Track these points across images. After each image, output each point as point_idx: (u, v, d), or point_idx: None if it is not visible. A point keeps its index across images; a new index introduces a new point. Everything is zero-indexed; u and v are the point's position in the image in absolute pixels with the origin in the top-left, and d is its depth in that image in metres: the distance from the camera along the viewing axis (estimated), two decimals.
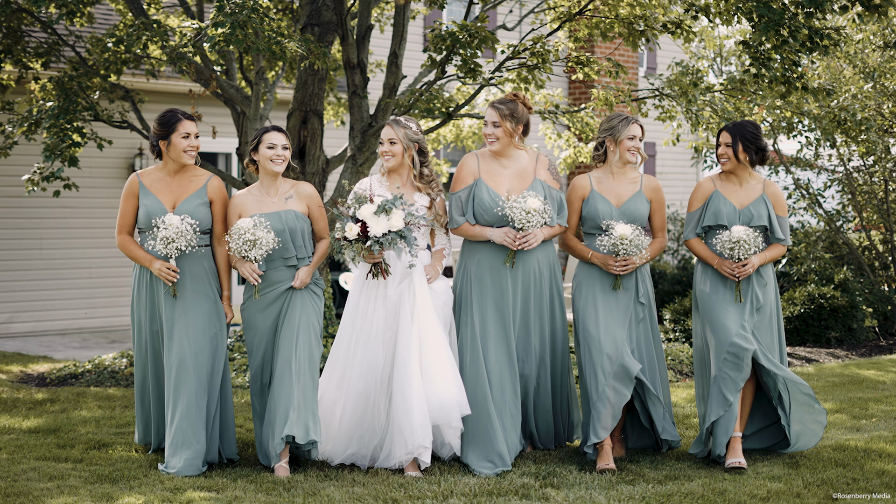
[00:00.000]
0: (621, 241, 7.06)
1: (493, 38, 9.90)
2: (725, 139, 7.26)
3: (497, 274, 7.19)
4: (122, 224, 7.13)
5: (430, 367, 6.89)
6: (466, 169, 7.33)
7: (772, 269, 7.35)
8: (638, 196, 7.30)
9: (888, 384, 10.32)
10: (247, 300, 7.08)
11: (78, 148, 10.44)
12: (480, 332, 7.15)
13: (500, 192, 7.19)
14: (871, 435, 7.81)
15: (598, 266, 7.28)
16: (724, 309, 7.11)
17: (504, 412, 7.08)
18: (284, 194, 7.10)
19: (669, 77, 11.50)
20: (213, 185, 7.14)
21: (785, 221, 7.30)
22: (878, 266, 15.32)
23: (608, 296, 7.21)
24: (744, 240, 7.04)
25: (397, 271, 7.05)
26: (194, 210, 7.01)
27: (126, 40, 9.86)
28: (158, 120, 7.07)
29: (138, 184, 7.08)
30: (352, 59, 11.05)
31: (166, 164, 7.10)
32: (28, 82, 11.79)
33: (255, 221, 6.84)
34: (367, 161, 11.06)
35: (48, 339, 14.36)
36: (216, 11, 9.01)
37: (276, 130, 7.08)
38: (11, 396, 9.65)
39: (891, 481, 6.58)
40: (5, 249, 14.71)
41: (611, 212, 7.25)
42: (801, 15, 9.17)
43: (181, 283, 6.98)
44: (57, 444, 7.65)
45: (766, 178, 7.46)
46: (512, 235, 7.07)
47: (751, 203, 7.24)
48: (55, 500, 6.19)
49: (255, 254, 6.79)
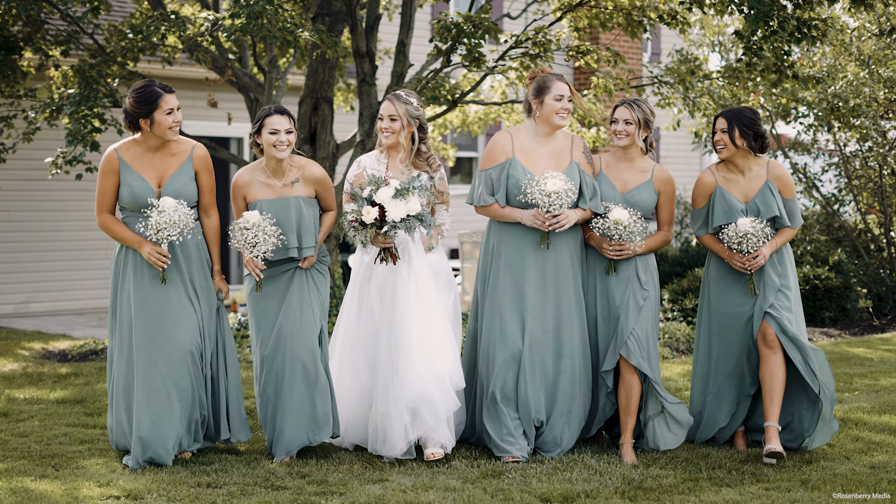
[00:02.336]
0: (616, 224, 6.87)
1: (497, 28, 10.33)
2: (721, 125, 7.02)
3: (524, 256, 6.95)
4: (103, 203, 6.64)
5: (427, 341, 6.73)
6: (499, 147, 7.01)
7: (788, 252, 7.14)
8: (646, 186, 7.06)
9: (875, 361, 10.75)
10: (250, 291, 6.91)
11: (98, 133, 10.90)
12: (501, 313, 6.94)
13: (535, 172, 6.92)
14: (851, 406, 8.25)
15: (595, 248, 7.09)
16: (736, 309, 7.02)
17: (538, 389, 6.94)
18: (291, 178, 6.84)
19: (668, 65, 11.92)
20: (198, 154, 6.73)
21: (793, 203, 7.04)
22: (873, 248, 15.72)
23: (606, 279, 7.06)
24: (750, 233, 6.83)
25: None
26: (183, 188, 6.63)
27: (145, 31, 10.31)
28: (137, 97, 6.50)
29: (118, 160, 6.59)
30: (361, 48, 11.48)
31: (146, 140, 6.61)
32: (48, 69, 12.22)
33: (258, 220, 6.61)
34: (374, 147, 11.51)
35: (66, 319, 14.75)
36: (232, 3, 9.47)
37: (279, 113, 6.75)
38: (37, 371, 10.11)
39: (864, 447, 7.02)
40: (24, 231, 15.14)
41: (614, 197, 7.03)
42: (789, 7, 9.59)
43: (172, 266, 6.62)
44: (84, 413, 8.13)
45: (769, 159, 7.28)
46: (541, 217, 6.81)
47: (756, 195, 6.99)
48: (87, 461, 6.67)
49: (258, 252, 6.61)
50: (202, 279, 6.73)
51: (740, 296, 7.03)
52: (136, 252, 6.60)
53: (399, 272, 6.81)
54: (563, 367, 6.98)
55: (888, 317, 14.55)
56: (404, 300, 6.77)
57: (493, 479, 6.34)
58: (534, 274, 6.94)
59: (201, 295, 6.71)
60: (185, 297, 6.64)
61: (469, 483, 6.25)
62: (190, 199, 6.67)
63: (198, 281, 6.71)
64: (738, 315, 7.04)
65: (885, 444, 7.10)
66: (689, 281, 13.98)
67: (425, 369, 6.68)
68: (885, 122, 14.89)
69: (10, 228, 15.00)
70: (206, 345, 6.72)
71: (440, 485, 6.19)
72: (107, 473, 6.38)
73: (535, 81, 7.03)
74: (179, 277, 6.64)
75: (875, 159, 14.84)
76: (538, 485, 6.20)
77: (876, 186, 15.14)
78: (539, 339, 6.94)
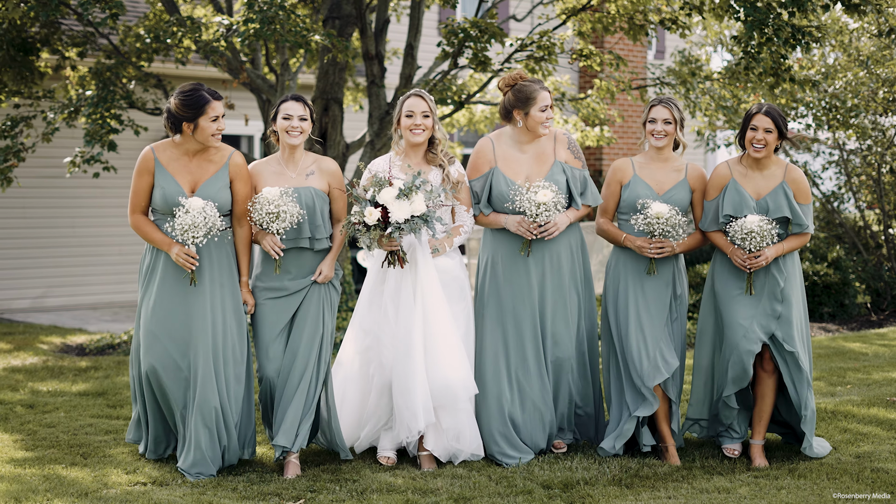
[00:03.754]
0: (657, 219, 6.68)
1: (502, 33, 10.66)
2: (765, 124, 6.67)
3: (513, 263, 6.89)
4: (136, 203, 6.50)
5: (435, 349, 6.61)
6: (482, 157, 6.95)
7: (795, 263, 6.93)
8: (681, 185, 6.90)
9: (870, 356, 11.05)
10: (256, 281, 6.68)
11: (115, 133, 11.24)
12: (492, 324, 6.91)
13: (517, 179, 6.84)
14: (842, 399, 8.57)
15: (632, 253, 6.94)
16: (737, 306, 6.80)
17: (525, 402, 6.93)
18: (306, 170, 6.68)
19: (670, 67, 12.24)
20: (235, 162, 6.55)
21: (807, 209, 6.79)
22: (872, 245, 16.02)
23: (643, 283, 6.91)
24: (756, 231, 6.60)
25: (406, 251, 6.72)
26: (216, 194, 6.45)
27: (163, 35, 10.66)
28: (184, 100, 6.35)
29: (154, 160, 6.45)
30: (370, 50, 11.82)
31: (185, 143, 6.46)
32: (65, 69, 12.55)
33: (280, 192, 6.44)
34: (385, 146, 11.84)
35: (81, 313, 15.07)
36: (246, 9, 9.83)
37: (295, 100, 6.62)
38: (57, 364, 10.47)
39: (851, 438, 7.35)
40: (40, 228, 15.47)
41: (651, 198, 6.86)
42: (784, 14, 9.91)
43: (200, 269, 6.43)
44: (107, 405, 8.49)
45: (787, 162, 7.02)
46: (526, 225, 6.74)
47: (769, 193, 6.77)
48: (114, 450, 7.03)
49: (279, 226, 6.39)
50: (230, 290, 6.53)
51: (745, 303, 6.81)
52: (167, 256, 6.44)
53: (405, 277, 6.68)
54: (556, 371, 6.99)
55: (886, 312, 14.84)
56: (408, 309, 6.65)
57: (497, 467, 6.69)
58: (516, 281, 6.86)
59: (227, 307, 6.51)
60: (207, 309, 6.44)
61: (475, 471, 6.60)
62: (223, 207, 6.51)
63: (226, 292, 6.52)
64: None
65: (871, 435, 7.43)
66: (689, 277, 14.30)
67: (432, 378, 6.64)
68: (884, 120, 15.17)
69: (26, 225, 15.34)
70: (226, 356, 6.49)
71: (448, 472, 6.55)
72: (133, 461, 6.74)
73: (518, 90, 6.88)
74: (207, 288, 6.45)
75: (874, 157, 15.14)
76: (540, 473, 6.56)
77: (874, 183, 15.44)
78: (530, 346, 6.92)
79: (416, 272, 6.67)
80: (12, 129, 11.71)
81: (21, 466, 6.59)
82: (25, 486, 6.15)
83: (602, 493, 6.17)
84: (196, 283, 6.41)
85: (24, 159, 11.74)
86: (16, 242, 15.29)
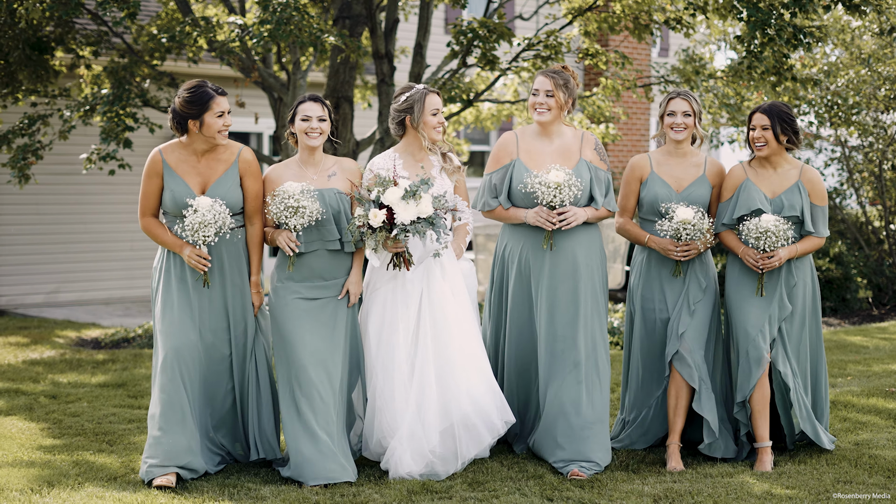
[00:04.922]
0: (683, 225, 6.56)
1: (510, 33, 10.90)
2: (762, 121, 6.63)
3: (527, 260, 6.68)
4: (146, 206, 6.43)
5: (454, 365, 6.39)
6: (504, 149, 6.74)
7: (809, 268, 6.82)
8: (701, 181, 6.79)
9: (870, 349, 11.28)
10: (277, 285, 6.48)
11: (130, 130, 11.48)
12: (498, 325, 6.87)
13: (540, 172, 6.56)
14: (842, 390, 8.82)
15: (656, 251, 6.83)
16: (749, 307, 6.67)
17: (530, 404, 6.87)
18: (327, 171, 6.51)
19: (674, 65, 12.47)
20: (245, 158, 6.46)
21: (821, 211, 6.71)
22: (873, 241, 16.23)
23: (671, 283, 6.81)
24: (772, 230, 6.46)
25: (416, 255, 6.51)
26: (227, 193, 6.37)
27: (178, 36, 10.90)
28: (188, 97, 6.28)
29: (162, 162, 6.37)
30: (380, 49, 12.06)
31: (193, 142, 6.38)
32: (79, 68, 12.78)
33: (302, 187, 6.27)
34: (394, 144, 12.08)
35: (94, 308, 15.27)
36: (261, 11, 10.07)
37: (313, 101, 6.49)
38: (75, 357, 10.71)
39: (850, 426, 7.61)
40: (53, 224, 15.68)
41: (670, 196, 6.74)
42: (786, 14, 10.14)
43: (213, 270, 6.38)
44: (127, 395, 8.74)
45: (803, 163, 6.90)
46: (545, 214, 6.49)
47: (784, 192, 6.66)
48: (138, 438, 7.29)
49: (296, 222, 6.23)
50: (240, 290, 6.48)
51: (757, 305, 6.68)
52: (179, 259, 6.39)
53: (410, 299, 6.46)
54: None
55: (887, 307, 15.05)
56: (423, 346, 6.42)
57: (508, 453, 6.93)
58: (528, 279, 6.69)
59: (236, 308, 6.47)
60: (220, 309, 6.44)
61: (487, 457, 6.83)
62: (234, 206, 6.42)
63: (235, 292, 6.47)
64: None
65: (870, 423, 7.68)
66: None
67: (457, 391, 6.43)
68: (886, 117, 15.38)
69: (39, 221, 15.54)
70: (233, 356, 6.49)
71: None
72: None
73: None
74: (218, 291, 6.44)
75: (875, 154, 15.36)
76: None
77: (876, 179, 15.65)
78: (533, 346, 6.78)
79: (429, 285, 6.47)
80: (29, 127, 11.95)
81: (50, 453, 6.85)
82: (56, 471, 6.41)
83: (610, 477, 6.43)
84: (209, 284, 6.37)
85: (41, 157, 11.97)
86: (29, 238, 15.49)
